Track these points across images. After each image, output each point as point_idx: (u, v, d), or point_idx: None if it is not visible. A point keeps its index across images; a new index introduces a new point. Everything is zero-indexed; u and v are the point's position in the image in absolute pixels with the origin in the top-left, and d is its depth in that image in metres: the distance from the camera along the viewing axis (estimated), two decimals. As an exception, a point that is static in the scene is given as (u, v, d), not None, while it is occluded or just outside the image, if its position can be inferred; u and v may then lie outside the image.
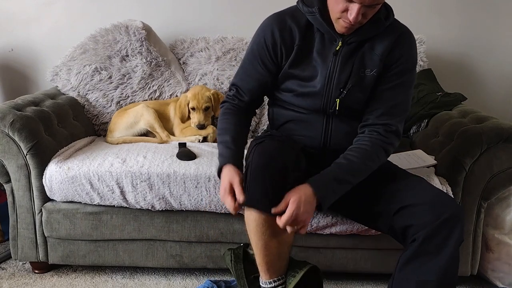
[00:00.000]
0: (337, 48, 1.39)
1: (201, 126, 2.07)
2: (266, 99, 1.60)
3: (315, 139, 1.47)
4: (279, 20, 1.43)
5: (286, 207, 1.24)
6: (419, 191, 1.35)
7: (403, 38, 1.41)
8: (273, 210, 1.25)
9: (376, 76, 1.40)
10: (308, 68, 1.42)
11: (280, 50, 1.42)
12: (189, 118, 2.12)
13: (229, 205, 1.29)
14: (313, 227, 1.65)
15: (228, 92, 1.54)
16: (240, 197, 1.26)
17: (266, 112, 1.68)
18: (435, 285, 1.27)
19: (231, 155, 1.36)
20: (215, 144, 1.99)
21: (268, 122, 1.65)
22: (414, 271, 1.29)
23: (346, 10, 1.28)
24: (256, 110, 1.61)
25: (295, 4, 1.45)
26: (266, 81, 1.48)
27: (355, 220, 1.55)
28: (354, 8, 1.25)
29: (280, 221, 1.24)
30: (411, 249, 1.29)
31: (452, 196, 1.63)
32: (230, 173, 1.31)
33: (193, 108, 2.08)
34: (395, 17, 1.41)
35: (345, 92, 1.40)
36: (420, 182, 1.40)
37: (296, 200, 1.24)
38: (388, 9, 1.40)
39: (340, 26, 1.33)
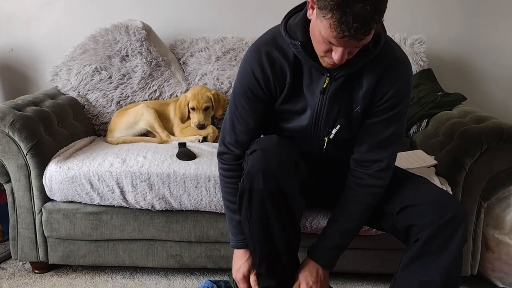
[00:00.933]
0: (324, 86, 1.31)
1: (201, 126, 2.07)
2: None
3: (312, 152, 1.44)
4: (267, 55, 1.33)
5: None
6: (422, 191, 1.34)
7: (391, 67, 1.29)
8: None
9: (361, 113, 1.34)
10: (300, 102, 1.36)
11: (274, 86, 1.35)
12: (189, 118, 2.12)
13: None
14: (313, 227, 1.65)
15: (224, 147, 1.44)
16: (255, 286, 1.42)
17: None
18: (438, 286, 1.27)
19: (244, 238, 1.42)
20: (215, 144, 2.00)
21: None
22: (417, 271, 1.29)
23: (330, 51, 1.19)
24: None
25: (278, 26, 1.34)
26: (265, 115, 1.41)
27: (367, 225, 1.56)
28: (338, 50, 1.16)
29: None
30: (414, 249, 1.29)
31: (453, 195, 1.63)
32: (247, 263, 1.43)
33: (193, 108, 2.08)
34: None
35: (332, 133, 1.37)
36: (423, 182, 1.40)
37: (308, 283, 1.38)
38: (377, 32, 1.23)
39: (325, 63, 1.25)
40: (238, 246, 1.45)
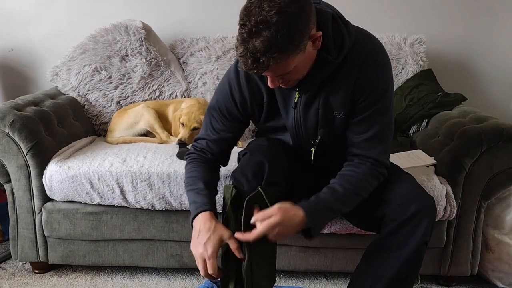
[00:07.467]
0: (295, 100, 1.32)
1: (182, 143, 1.95)
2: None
3: (304, 160, 1.45)
4: (245, 74, 1.34)
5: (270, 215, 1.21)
6: (396, 187, 1.35)
7: (366, 64, 1.25)
8: (252, 220, 1.22)
9: (345, 118, 1.31)
10: (281, 119, 1.40)
11: (251, 106, 1.38)
12: None
13: (211, 269, 1.24)
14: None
15: (195, 144, 1.46)
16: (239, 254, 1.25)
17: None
18: (388, 280, 1.29)
19: (208, 200, 1.31)
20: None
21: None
22: (374, 263, 1.32)
23: None
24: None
25: None
26: (239, 130, 1.45)
27: (346, 217, 1.57)
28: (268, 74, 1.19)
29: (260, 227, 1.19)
30: (375, 242, 1.34)
31: (453, 195, 1.64)
32: (217, 234, 1.25)
33: (182, 124, 2.00)
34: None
35: (317, 141, 1.36)
36: (400, 179, 1.39)
37: (282, 213, 1.20)
38: (339, 37, 1.21)
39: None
40: (201, 210, 1.29)
